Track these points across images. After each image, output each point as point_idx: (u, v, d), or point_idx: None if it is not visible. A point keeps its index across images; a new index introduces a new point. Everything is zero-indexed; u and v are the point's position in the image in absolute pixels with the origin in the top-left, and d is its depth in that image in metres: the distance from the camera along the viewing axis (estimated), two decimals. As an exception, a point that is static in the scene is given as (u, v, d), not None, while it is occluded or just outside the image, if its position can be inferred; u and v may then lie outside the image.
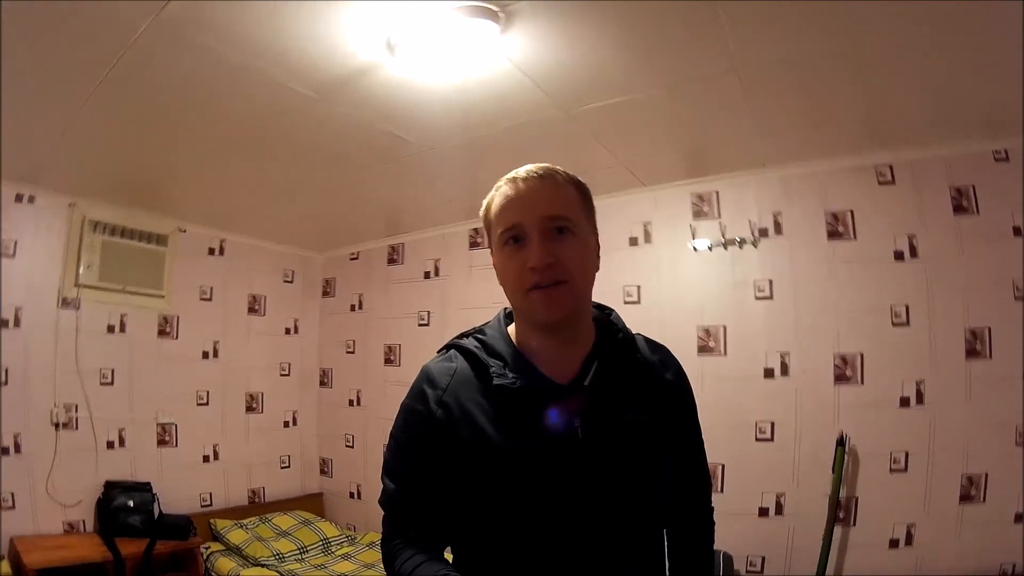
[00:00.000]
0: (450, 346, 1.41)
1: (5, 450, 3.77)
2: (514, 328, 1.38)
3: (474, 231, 4.98)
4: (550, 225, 1.23)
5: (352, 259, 5.74)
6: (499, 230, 1.28)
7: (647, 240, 4.24)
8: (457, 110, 3.08)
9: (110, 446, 4.25)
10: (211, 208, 4.59)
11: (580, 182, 1.35)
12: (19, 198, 3.94)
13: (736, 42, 2.52)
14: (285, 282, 5.58)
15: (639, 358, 1.36)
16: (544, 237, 1.22)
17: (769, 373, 3.73)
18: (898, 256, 3.50)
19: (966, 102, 3.01)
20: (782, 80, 2.84)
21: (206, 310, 4.88)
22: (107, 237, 4.24)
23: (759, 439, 3.71)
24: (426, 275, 5.23)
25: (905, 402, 3.38)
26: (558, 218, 1.23)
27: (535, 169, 1.29)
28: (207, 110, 3.05)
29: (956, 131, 3.29)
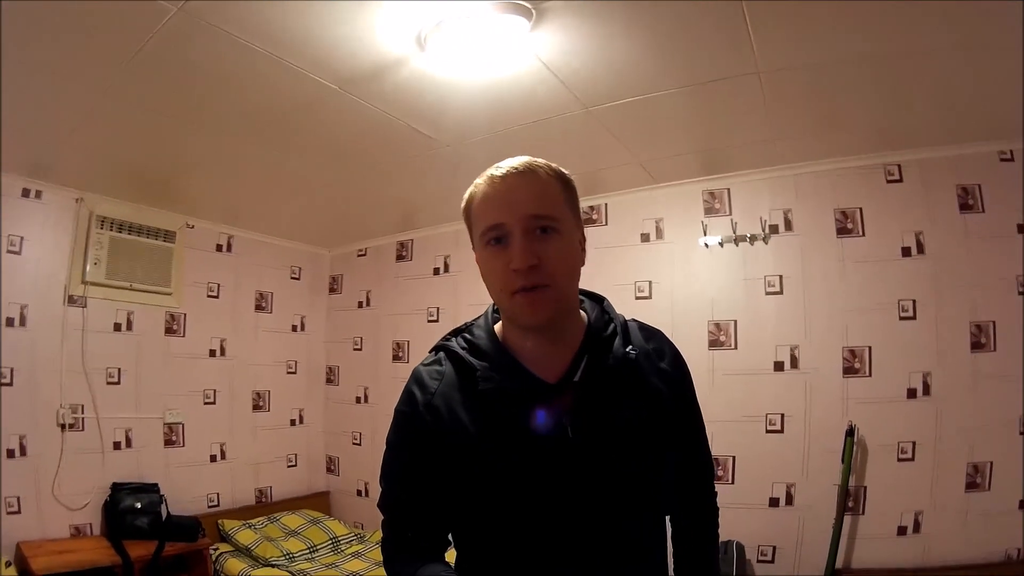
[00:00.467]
0: (439, 347, 1.37)
1: (11, 452, 3.72)
2: (501, 326, 1.34)
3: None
4: (533, 224, 1.17)
5: (360, 255, 5.74)
6: (480, 229, 1.23)
7: (659, 236, 4.30)
8: (482, 107, 3.10)
9: (117, 447, 4.20)
10: (220, 203, 4.56)
11: (563, 174, 1.28)
12: (26, 193, 3.88)
13: (760, 44, 2.57)
14: (292, 279, 5.56)
15: (631, 349, 1.29)
16: (527, 237, 1.17)
17: (779, 366, 3.81)
18: (905, 252, 3.60)
19: (973, 105, 3.12)
20: (801, 83, 2.92)
21: (213, 307, 4.85)
22: (114, 233, 4.18)
23: (769, 431, 3.78)
24: (435, 271, 5.24)
25: (912, 394, 3.48)
26: (541, 217, 1.18)
27: (517, 164, 1.23)
28: (225, 100, 3.02)
29: (963, 133, 3.41)
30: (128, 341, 4.31)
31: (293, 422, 5.45)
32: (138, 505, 4.02)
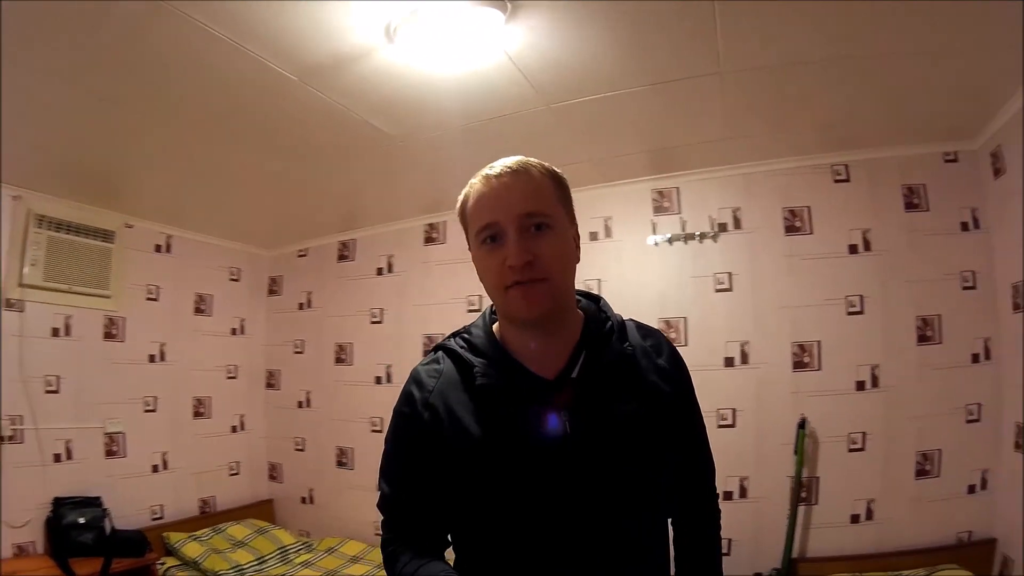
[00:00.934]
0: (438, 347, 1.39)
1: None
2: (499, 325, 1.36)
3: (430, 226, 4.96)
4: (527, 222, 1.20)
5: (300, 256, 5.61)
6: (475, 228, 1.25)
7: (608, 235, 4.33)
8: (444, 101, 3.05)
9: (57, 459, 3.98)
10: (160, 202, 4.39)
11: (556, 173, 1.33)
12: (-42, 190, 3.65)
13: (726, 45, 2.62)
14: (232, 280, 5.39)
15: (628, 346, 1.31)
16: (521, 235, 1.19)
17: (730, 362, 3.89)
18: (852, 250, 3.73)
19: (920, 107, 3.26)
20: (759, 84, 2.99)
21: (152, 310, 4.65)
22: (52, 232, 3.96)
23: (721, 426, 3.84)
24: (379, 271, 5.17)
25: (861, 386, 3.61)
26: (535, 214, 1.21)
27: (510, 164, 1.26)
28: (179, 90, 2.86)
29: (909, 134, 3.56)
30: (67, 347, 4.09)
31: (234, 428, 5.28)
32: (82, 520, 3.81)
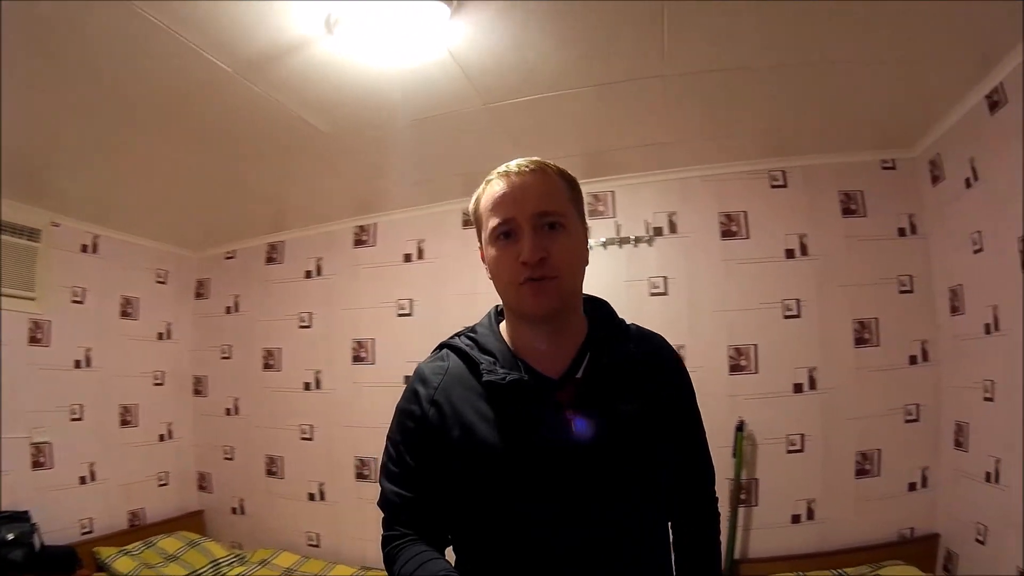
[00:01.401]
0: (443, 345, 1.42)
1: None
2: (505, 325, 1.39)
3: (360, 228, 4.85)
4: (541, 221, 1.24)
5: (228, 258, 5.41)
6: (491, 225, 1.28)
7: None
8: (382, 99, 2.97)
9: (-18, 471, 3.74)
10: (89, 198, 4.16)
11: (569, 175, 1.37)
12: None
13: (672, 47, 2.63)
14: (159, 283, 5.17)
15: (631, 348, 1.35)
16: (536, 232, 1.23)
17: (666, 366, 3.89)
18: (789, 254, 3.79)
19: (859, 115, 3.34)
20: (701, 88, 3.00)
21: (78, 314, 4.43)
22: (-26, 230, 3.73)
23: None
24: (307, 274, 5.03)
25: (799, 388, 3.67)
26: (549, 213, 1.25)
27: (526, 163, 1.31)
28: (110, 80, 2.69)
29: (847, 142, 3.65)
30: (-11, 351, 3.86)
31: (162, 437, 5.06)
32: (10, 536, 3.57)
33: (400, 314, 4.56)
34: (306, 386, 4.85)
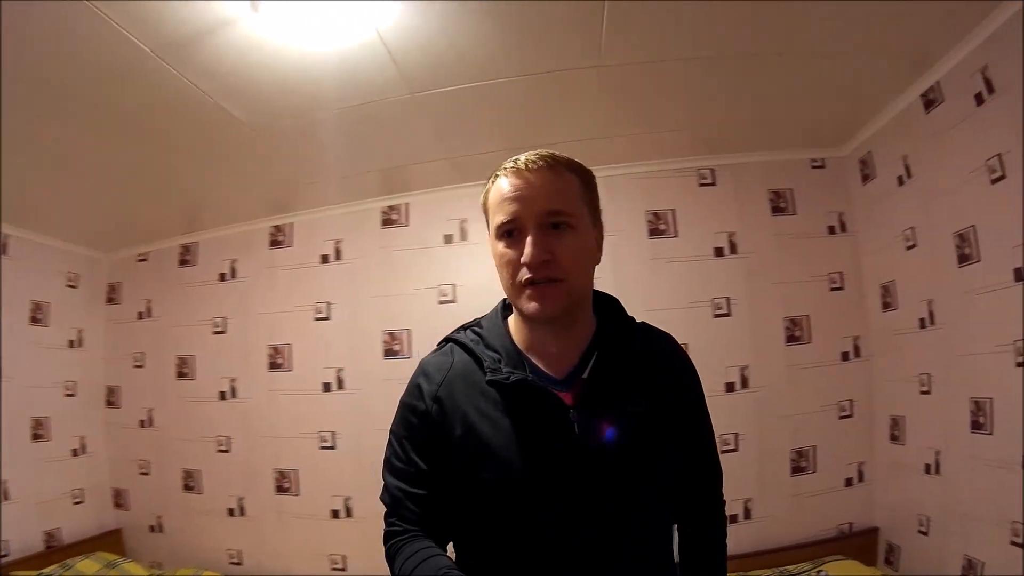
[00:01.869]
0: (448, 340, 1.38)
1: None
2: (512, 320, 1.35)
3: (276, 228, 4.63)
4: (547, 220, 1.20)
5: (140, 260, 5.10)
6: (496, 222, 1.25)
7: (463, 238, 4.19)
8: (305, 84, 2.79)
9: None
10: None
11: (584, 169, 1.32)
12: None
13: (610, 36, 2.55)
14: (69, 286, 4.83)
15: (640, 348, 1.33)
16: (540, 232, 1.19)
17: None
18: (719, 252, 3.79)
19: (789, 114, 3.35)
20: (636, 80, 2.94)
21: (-14, 321, 4.11)
22: None
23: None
24: (221, 277, 4.77)
25: (731, 387, 3.66)
26: (556, 213, 1.20)
27: (535, 158, 1.25)
28: (14, 56, 2.41)
29: (777, 140, 3.67)
30: None
31: (75, 452, 4.71)
32: None
33: (318, 318, 4.37)
34: (221, 395, 4.58)
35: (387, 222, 4.28)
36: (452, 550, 1.32)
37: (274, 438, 4.32)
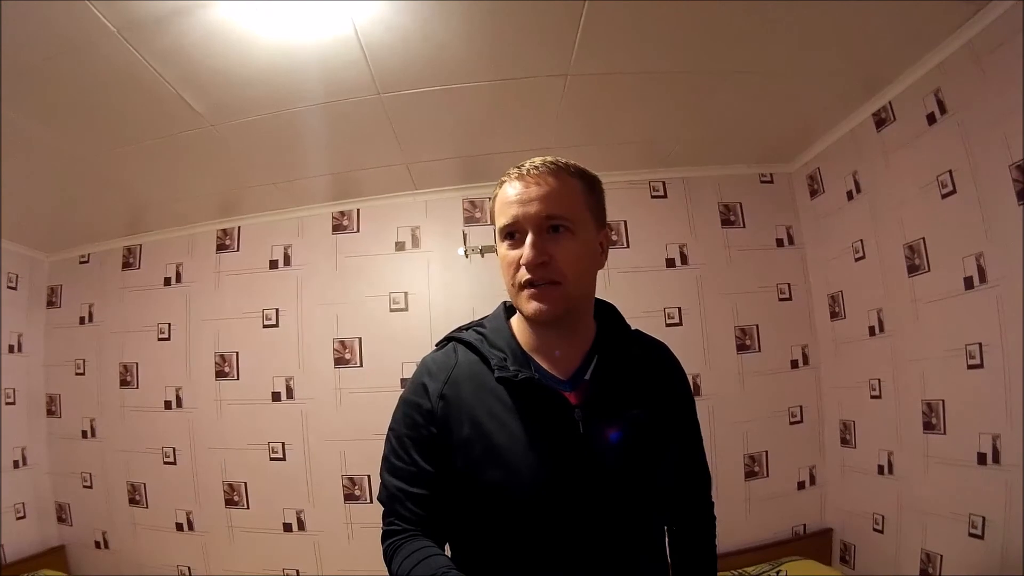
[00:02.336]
0: (450, 339, 1.40)
1: None
2: (515, 322, 1.38)
3: (223, 232, 4.52)
4: (547, 224, 1.23)
5: (82, 262, 4.91)
6: (499, 225, 1.28)
7: (415, 245, 4.16)
8: (275, 76, 2.67)
9: None
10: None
11: (589, 175, 1.35)
12: None
13: (583, 45, 2.56)
14: (9, 288, 4.62)
15: (638, 353, 1.37)
16: (540, 236, 1.22)
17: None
18: (670, 263, 3.86)
19: (739, 130, 3.44)
20: (599, 91, 2.96)
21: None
22: None
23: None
24: (166, 282, 4.63)
25: (684, 395, 3.73)
26: (556, 217, 1.23)
27: (539, 163, 1.27)
28: None
29: (728, 156, 3.77)
30: None
31: (16, 464, 4.53)
32: None
33: (266, 325, 4.27)
34: (167, 405, 4.45)
35: (337, 227, 4.22)
36: (449, 550, 1.34)
37: (222, 449, 4.20)
